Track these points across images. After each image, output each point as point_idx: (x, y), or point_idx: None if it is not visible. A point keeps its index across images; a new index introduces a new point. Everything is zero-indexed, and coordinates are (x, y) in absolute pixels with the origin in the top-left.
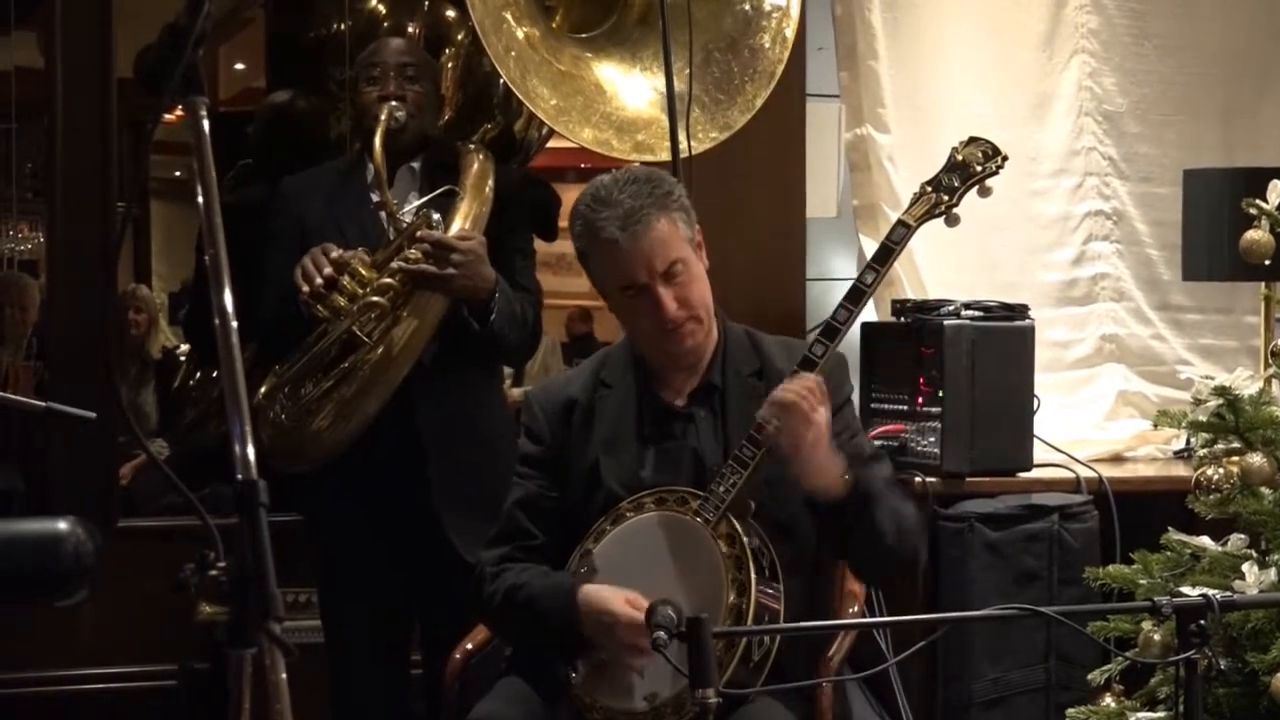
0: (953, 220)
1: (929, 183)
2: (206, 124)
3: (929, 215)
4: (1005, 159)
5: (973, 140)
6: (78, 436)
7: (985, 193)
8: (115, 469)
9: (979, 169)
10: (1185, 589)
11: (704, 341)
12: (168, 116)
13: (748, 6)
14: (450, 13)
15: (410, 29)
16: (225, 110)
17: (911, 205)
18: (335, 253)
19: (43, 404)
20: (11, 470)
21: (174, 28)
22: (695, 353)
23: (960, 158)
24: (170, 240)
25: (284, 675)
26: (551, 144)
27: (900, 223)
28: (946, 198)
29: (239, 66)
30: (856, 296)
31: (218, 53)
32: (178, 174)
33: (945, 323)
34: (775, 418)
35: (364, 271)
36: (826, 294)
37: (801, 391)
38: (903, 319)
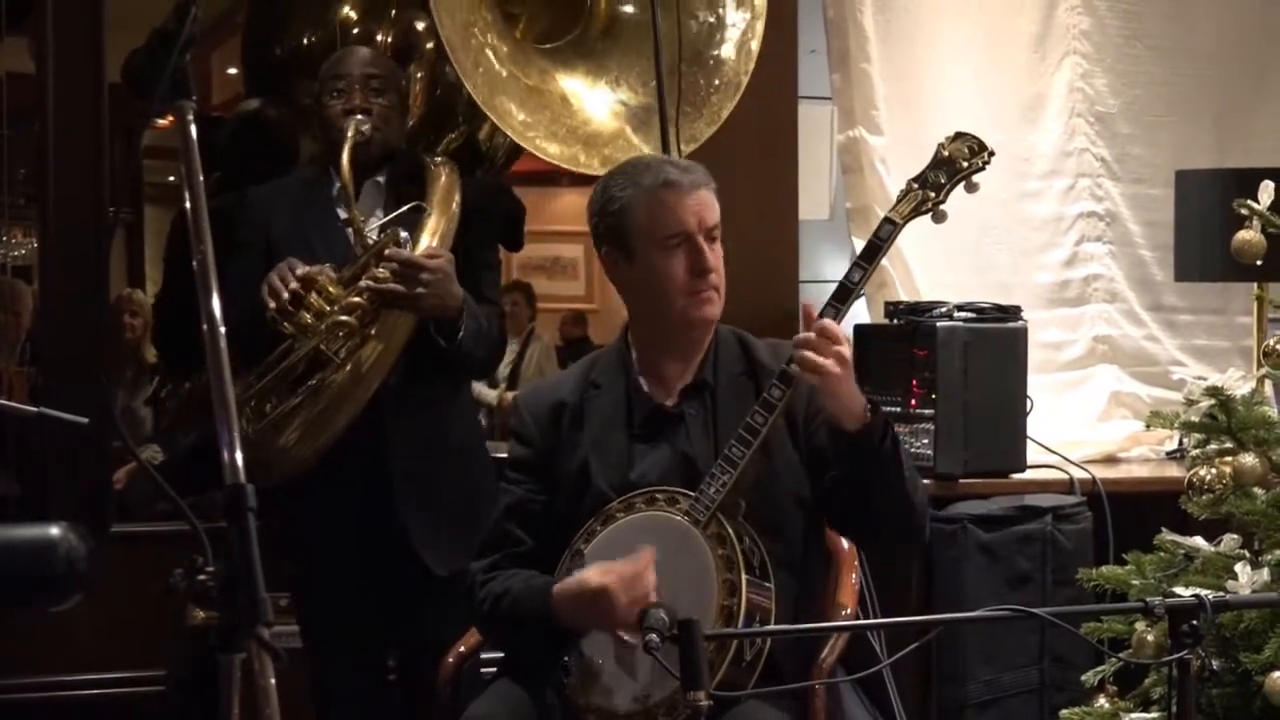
0: (939, 217)
1: (915, 179)
2: (194, 129)
3: (916, 212)
4: (992, 154)
5: (959, 136)
6: (72, 442)
7: (972, 188)
8: (110, 474)
9: (965, 165)
10: (1178, 589)
11: (716, 318)
12: (161, 122)
13: (711, 18)
14: (419, 23)
15: (379, 38)
16: (216, 115)
17: (898, 202)
18: (301, 269)
19: (34, 409)
20: (6, 475)
21: (161, 32)
22: (708, 326)
23: (946, 153)
24: (163, 245)
25: (273, 679)
26: None
27: (887, 220)
28: (933, 194)
29: (231, 71)
30: (844, 295)
31: (209, 58)
32: (171, 179)
33: (938, 324)
34: (802, 347)
35: (331, 288)
36: (819, 296)
37: (824, 324)
38: (895, 320)
